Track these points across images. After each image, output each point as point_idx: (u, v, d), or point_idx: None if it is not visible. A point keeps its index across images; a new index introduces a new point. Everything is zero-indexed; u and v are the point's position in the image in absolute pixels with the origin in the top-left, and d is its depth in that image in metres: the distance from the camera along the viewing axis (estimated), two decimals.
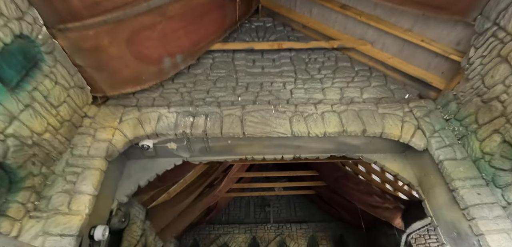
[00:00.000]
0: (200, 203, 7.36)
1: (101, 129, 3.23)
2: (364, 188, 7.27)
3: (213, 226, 10.13)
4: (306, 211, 10.82)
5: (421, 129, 3.34)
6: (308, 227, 10.20)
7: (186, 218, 7.19)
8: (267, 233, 10.02)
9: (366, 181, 7.38)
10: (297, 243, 9.81)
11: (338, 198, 9.01)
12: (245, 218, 10.60)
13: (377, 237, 9.06)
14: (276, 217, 10.60)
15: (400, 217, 7.06)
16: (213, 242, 9.76)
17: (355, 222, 9.57)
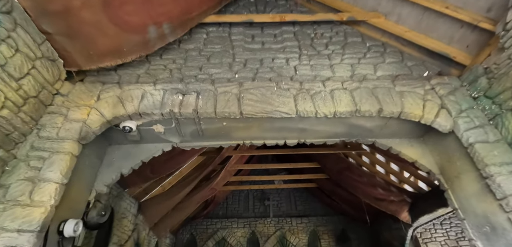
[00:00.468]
0: (197, 196, 6.91)
1: (75, 108, 2.74)
2: (369, 180, 6.83)
3: (210, 221, 9.70)
4: (307, 205, 10.40)
5: (446, 108, 2.86)
6: (309, 221, 9.79)
7: (181, 212, 6.74)
8: (267, 227, 9.61)
9: (370, 173, 6.94)
10: (298, 238, 9.40)
11: (341, 191, 8.58)
12: (244, 212, 10.17)
13: (380, 231, 8.65)
14: (276, 211, 10.19)
15: (406, 211, 6.64)
16: (210, 237, 9.34)
17: (358, 216, 9.16)
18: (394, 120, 3.03)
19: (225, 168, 7.17)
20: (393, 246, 7.80)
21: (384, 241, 8.37)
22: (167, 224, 6.68)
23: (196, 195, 6.88)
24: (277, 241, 9.33)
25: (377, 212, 8.27)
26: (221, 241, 9.29)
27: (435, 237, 7.94)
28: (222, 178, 7.95)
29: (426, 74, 3.30)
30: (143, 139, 3.17)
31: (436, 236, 7.98)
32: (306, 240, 9.39)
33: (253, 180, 9.08)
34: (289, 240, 9.35)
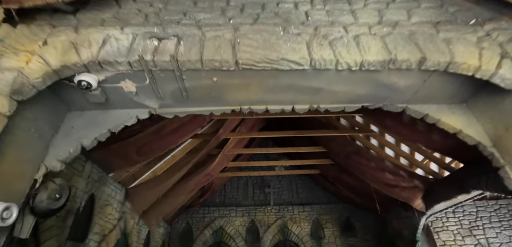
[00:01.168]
0: (191, 182, 6.21)
1: (11, 55, 1.99)
2: (378, 165, 6.12)
3: (207, 209, 9.05)
4: (309, 193, 9.75)
5: (510, 57, 2.12)
6: (312, 210, 9.15)
7: (174, 200, 6.05)
8: (267, 216, 8.97)
9: (380, 157, 6.23)
10: (300, 227, 8.78)
11: (347, 178, 7.89)
12: (243, 200, 9.52)
13: (388, 219, 8.00)
14: (277, 199, 9.54)
15: (420, 198, 5.96)
16: (207, 226, 8.71)
17: (365, 204, 8.51)
18: (437, 76, 2.29)
19: (222, 152, 6.45)
20: (403, 235, 7.16)
21: (392, 231, 7.73)
22: (159, 212, 6.01)
23: (191, 182, 6.18)
24: (278, 230, 8.71)
25: (385, 200, 7.61)
26: (219, 230, 8.67)
27: (447, 225, 7.32)
28: (219, 163, 7.25)
29: (474, 21, 2.53)
30: (110, 102, 2.42)
31: (448, 225, 7.36)
32: (309, 229, 8.77)
33: (253, 165, 8.39)
34: (290, 229, 8.73)
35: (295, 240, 8.56)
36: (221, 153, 6.38)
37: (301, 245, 8.48)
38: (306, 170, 8.89)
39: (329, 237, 8.62)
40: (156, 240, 7.28)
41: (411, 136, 4.37)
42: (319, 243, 8.51)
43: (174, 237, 8.48)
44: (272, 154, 10.40)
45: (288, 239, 8.60)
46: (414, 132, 3.85)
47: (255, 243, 8.44)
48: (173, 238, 8.46)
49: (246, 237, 8.55)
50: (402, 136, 5.13)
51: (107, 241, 4.47)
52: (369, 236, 8.65)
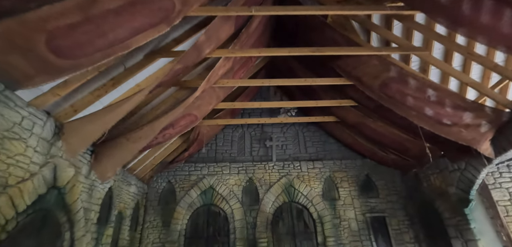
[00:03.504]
0: (163, 119, 4.49)
1: None
2: (431, 95, 4.41)
3: (194, 166, 7.48)
4: (320, 147, 8.18)
5: None
6: (324, 166, 7.63)
7: (138, 143, 4.36)
8: (268, 173, 7.46)
9: (433, 84, 4.47)
10: (309, 186, 7.30)
11: (373, 124, 6.26)
12: (239, 155, 7.95)
13: (423, 175, 6.50)
14: (281, 154, 7.98)
15: (489, 139, 4.33)
16: (194, 185, 7.19)
17: (391, 158, 6.96)
18: None
19: (208, 79, 4.66)
20: (446, 194, 5.67)
21: (430, 189, 6.25)
22: (116, 160, 4.34)
23: (163, 118, 4.46)
24: (282, 190, 7.24)
25: (420, 150, 6.04)
26: (209, 190, 7.16)
27: (500, 182, 5.91)
28: (205, 100, 5.50)
29: None
30: None
31: (501, 181, 5.93)
32: (320, 188, 7.31)
33: (251, 106, 6.67)
34: (298, 189, 7.25)
35: (303, 202, 7.13)
36: (206, 80, 4.59)
37: (310, 207, 7.06)
38: (320, 117, 7.21)
39: (345, 198, 7.19)
40: (124, 201, 5.74)
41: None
42: (333, 205, 7.09)
43: (152, 199, 6.98)
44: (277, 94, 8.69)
45: (294, 201, 7.16)
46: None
47: (254, 206, 6.99)
48: (151, 200, 6.97)
49: (243, 198, 7.08)
50: (475, 29, 3.27)
51: (12, 195, 2.81)
52: (394, 197, 7.24)
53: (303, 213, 7.09)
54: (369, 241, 6.68)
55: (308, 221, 6.98)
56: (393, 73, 4.65)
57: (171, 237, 6.49)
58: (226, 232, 6.70)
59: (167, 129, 5.25)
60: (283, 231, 6.79)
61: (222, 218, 6.89)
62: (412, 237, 6.76)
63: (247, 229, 6.69)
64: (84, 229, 4.08)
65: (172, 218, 6.73)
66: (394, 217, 6.99)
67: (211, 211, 6.99)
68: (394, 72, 4.64)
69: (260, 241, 6.50)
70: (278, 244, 6.61)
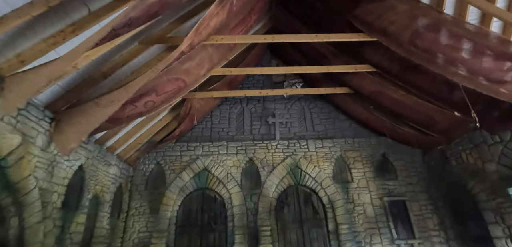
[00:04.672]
0: (141, 77, 3.61)
1: None
2: (474, 45, 3.52)
3: (186, 145, 6.66)
4: (330, 124, 7.33)
5: None
6: (334, 145, 6.80)
7: (108, 108, 3.49)
8: (271, 154, 6.63)
9: (479, 30, 3.56)
10: (318, 167, 6.48)
11: (395, 93, 5.38)
12: (238, 134, 7.11)
13: (451, 153, 5.66)
14: (285, 133, 7.14)
15: None
16: (187, 166, 6.37)
17: (414, 135, 6.11)
18: None
19: (197, 28, 3.76)
20: (483, 172, 4.85)
21: (460, 167, 5.42)
22: (82, 128, 3.48)
23: (139, 78, 3.58)
24: (287, 172, 6.42)
25: (450, 122, 5.20)
26: (203, 173, 6.35)
27: None
28: (196, 62, 4.62)
29: None
30: None
31: None
32: (331, 170, 6.49)
33: (251, 72, 5.79)
34: (305, 170, 6.44)
35: (311, 185, 6.33)
36: (194, 29, 3.69)
37: (320, 191, 6.26)
38: (330, 88, 6.33)
39: (359, 180, 6.38)
40: (102, 184, 4.93)
41: None
42: (346, 188, 6.29)
43: (138, 183, 6.18)
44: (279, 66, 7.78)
45: (301, 184, 6.36)
46: None
47: (255, 189, 6.19)
48: (137, 184, 6.17)
49: (242, 181, 6.28)
50: None
51: None
52: (415, 178, 6.43)
53: (311, 197, 6.29)
54: (388, 228, 5.90)
55: (317, 206, 6.19)
56: (428, 19, 3.74)
57: (160, 225, 5.72)
58: (223, 219, 5.92)
59: (149, 95, 4.39)
60: (289, 218, 6.01)
61: (219, 203, 6.11)
62: (437, 223, 5.98)
63: (248, 216, 5.90)
64: (40, 214, 3.27)
65: (161, 204, 5.94)
66: (415, 201, 6.20)
67: (206, 196, 6.20)
68: (429, 18, 3.73)
69: (262, 229, 5.73)
70: (283, 232, 5.84)
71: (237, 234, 5.66)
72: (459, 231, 5.58)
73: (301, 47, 6.61)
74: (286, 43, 7.42)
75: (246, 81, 7.79)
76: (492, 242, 4.74)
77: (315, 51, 6.13)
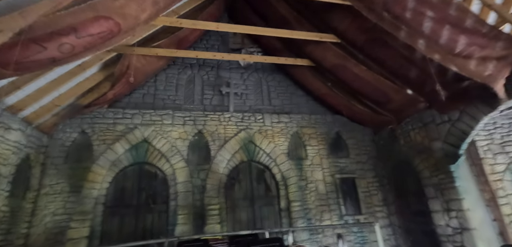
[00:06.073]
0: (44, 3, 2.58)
1: None
2: (442, 13, 3.42)
3: (122, 112, 5.62)
4: (287, 99, 7.02)
5: None
6: (291, 121, 6.52)
7: None
8: (224, 126, 6.03)
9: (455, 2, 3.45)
10: (273, 142, 6.14)
11: (356, 68, 5.23)
12: (186, 102, 6.29)
13: (402, 132, 5.86)
14: (240, 105, 6.58)
15: (505, 77, 3.59)
16: (121, 137, 5.38)
17: (368, 114, 6.16)
18: None
19: None
20: (430, 150, 5.07)
21: (408, 145, 5.63)
22: None
23: (43, 2, 2.55)
24: (240, 146, 5.92)
25: (403, 102, 5.32)
26: (142, 144, 5.44)
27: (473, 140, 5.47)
28: (135, 1, 3.66)
29: None
30: None
31: (475, 139, 5.50)
32: (286, 145, 6.22)
33: (202, 27, 5.00)
34: (259, 146, 6.02)
35: (265, 162, 5.97)
36: None
37: (273, 168, 5.94)
38: (291, 59, 5.93)
39: (313, 157, 6.26)
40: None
41: None
42: (300, 165, 6.10)
43: (55, 155, 4.98)
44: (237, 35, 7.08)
45: (254, 160, 5.95)
46: None
47: (204, 165, 5.56)
48: (53, 157, 4.97)
49: (189, 156, 5.57)
50: None
51: None
52: (365, 157, 6.58)
53: (264, 174, 5.95)
54: (337, 205, 5.94)
55: (270, 183, 5.88)
56: None
57: (84, 206, 4.71)
58: (165, 198, 5.18)
59: (66, 35, 3.31)
60: (239, 196, 5.57)
61: (160, 180, 5.32)
62: (381, 199, 6.25)
63: (194, 194, 5.27)
64: None
65: (85, 181, 4.89)
66: (363, 178, 6.36)
67: (144, 171, 5.33)
68: None
69: (209, 208, 5.18)
70: (232, 210, 5.40)
71: (180, 214, 5.00)
72: (400, 206, 5.89)
73: (263, 10, 6.01)
74: (246, 7, 6.74)
75: (199, 44, 6.92)
76: (430, 216, 5.06)
77: (278, 16, 5.61)
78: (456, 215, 4.57)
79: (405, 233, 5.70)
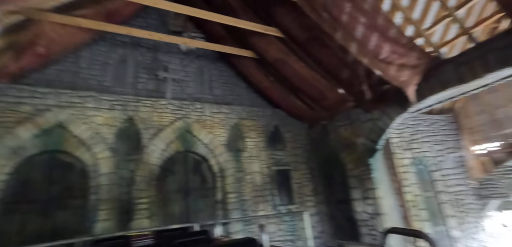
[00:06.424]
0: None
1: None
2: (375, 22, 3.77)
3: (29, 89, 4.70)
4: (228, 89, 6.90)
5: None
6: (231, 112, 6.45)
7: None
8: (159, 114, 5.61)
9: (384, 12, 3.80)
10: (212, 133, 5.97)
11: (297, 64, 5.41)
12: (116, 84, 5.61)
13: (332, 127, 6.34)
14: (178, 92, 6.19)
15: (416, 84, 4.14)
16: (27, 120, 4.48)
17: (305, 109, 6.48)
18: None
19: None
20: (354, 145, 5.61)
21: (337, 140, 6.12)
22: None
23: None
24: (176, 136, 5.58)
25: (336, 99, 5.76)
26: (55, 129, 4.65)
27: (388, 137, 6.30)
28: None
29: None
30: None
31: (390, 137, 6.33)
32: (225, 137, 6.12)
33: None
34: (197, 135, 5.78)
35: (202, 153, 5.77)
36: None
37: (211, 159, 5.79)
38: (235, 49, 5.81)
39: (251, 149, 6.32)
40: None
41: None
42: (238, 156, 6.09)
43: None
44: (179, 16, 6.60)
45: (191, 151, 5.69)
46: None
47: (133, 155, 5.07)
48: None
49: (116, 144, 4.99)
50: None
51: None
52: (299, 150, 6.95)
53: (201, 165, 5.75)
54: (272, 196, 6.14)
55: (206, 175, 5.71)
56: None
57: None
58: (83, 191, 4.54)
59: None
60: (173, 188, 5.26)
61: (77, 172, 4.64)
62: (311, 190, 6.70)
63: (120, 187, 4.76)
64: None
65: None
66: (297, 170, 6.71)
67: (57, 161, 4.57)
68: None
69: (138, 201, 4.75)
70: (164, 204, 5.07)
71: (102, 209, 4.45)
72: (327, 195, 6.41)
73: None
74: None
75: (134, 21, 6.20)
76: (351, 203, 5.63)
77: (225, 2, 5.40)
78: (371, 202, 5.18)
79: (331, 220, 6.25)
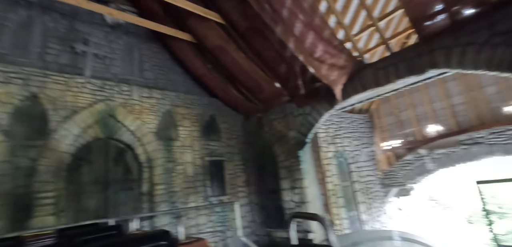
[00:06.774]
0: None
1: None
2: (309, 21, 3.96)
3: None
4: (162, 73, 6.40)
5: None
6: (164, 97, 6.02)
7: None
8: (74, 93, 4.84)
9: (321, 13, 4.00)
10: (140, 119, 5.47)
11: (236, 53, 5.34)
12: (15, 53, 4.57)
13: (267, 120, 6.53)
14: (101, 70, 5.44)
15: (342, 84, 4.54)
16: None
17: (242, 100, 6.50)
18: None
19: None
20: (286, 137, 5.89)
21: (271, 133, 6.34)
22: None
23: None
24: (96, 120, 4.89)
25: (270, 93, 5.95)
26: None
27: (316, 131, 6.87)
28: None
29: None
30: None
31: (318, 131, 6.91)
32: (156, 124, 5.67)
33: None
34: (122, 121, 5.19)
35: (127, 140, 5.22)
36: None
37: (138, 148, 5.30)
38: (172, 30, 5.37)
39: (184, 139, 6.03)
40: None
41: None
42: (169, 146, 5.73)
43: None
44: None
45: (113, 138, 5.08)
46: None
47: (36, 140, 4.23)
48: None
49: (11, 126, 4.07)
50: None
51: None
52: (234, 141, 6.96)
53: (125, 154, 5.19)
54: (204, 187, 5.99)
55: (131, 165, 5.20)
56: None
57: None
58: None
59: None
60: (89, 179, 4.60)
61: None
62: (244, 180, 6.79)
63: (16, 179, 3.91)
64: None
65: None
66: (231, 161, 6.71)
67: None
68: None
69: (41, 196, 3.99)
70: (76, 197, 4.39)
71: None
72: (259, 186, 6.61)
73: None
74: None
75: None
76: (280, 193, 5.92)
77: None
78: (298, 192, 5.54)
79: (261, 209, 6.46)
